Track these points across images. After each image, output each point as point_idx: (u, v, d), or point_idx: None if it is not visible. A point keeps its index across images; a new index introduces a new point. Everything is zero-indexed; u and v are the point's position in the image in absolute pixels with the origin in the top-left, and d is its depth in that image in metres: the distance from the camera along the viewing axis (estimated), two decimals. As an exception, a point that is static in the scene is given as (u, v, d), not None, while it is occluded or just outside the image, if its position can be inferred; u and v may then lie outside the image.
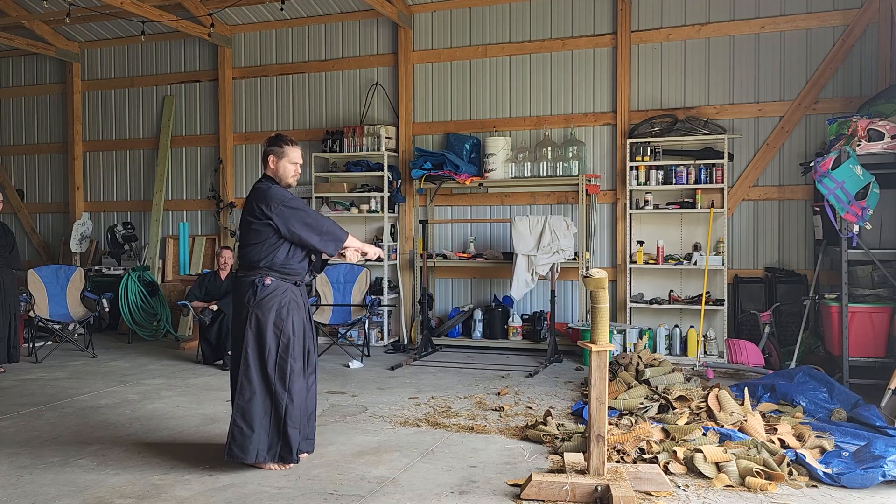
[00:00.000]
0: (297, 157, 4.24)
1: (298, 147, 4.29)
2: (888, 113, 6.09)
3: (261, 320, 4.06)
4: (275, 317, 4.07)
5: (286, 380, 4.05)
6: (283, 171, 4.21)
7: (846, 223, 5.83)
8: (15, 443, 4.72)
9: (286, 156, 4.19)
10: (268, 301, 4.08)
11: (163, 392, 6.16)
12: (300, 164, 4.27)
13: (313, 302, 7.91)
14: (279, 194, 4.14)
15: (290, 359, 4.06)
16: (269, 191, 4.15)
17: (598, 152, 7.99)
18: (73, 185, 10.35)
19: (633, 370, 6.10)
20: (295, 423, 4.05)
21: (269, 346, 4.05)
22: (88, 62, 10.38)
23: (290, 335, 4.08)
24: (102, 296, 8.27)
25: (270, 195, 4.12)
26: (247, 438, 3.99)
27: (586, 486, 3.61)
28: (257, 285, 4.09)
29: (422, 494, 3.77)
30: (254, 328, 4.06)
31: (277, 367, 4.05)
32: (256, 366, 4.05)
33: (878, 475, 3.77)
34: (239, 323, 4.14)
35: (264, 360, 4.05)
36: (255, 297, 4.08)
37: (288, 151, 4.20)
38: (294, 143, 4.26)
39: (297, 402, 4.07)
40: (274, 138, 4.26)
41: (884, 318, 5.90)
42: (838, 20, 7.18)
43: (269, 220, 4.09)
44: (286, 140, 4.24)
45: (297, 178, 4.28)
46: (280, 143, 4.22)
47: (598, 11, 7.96)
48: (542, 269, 7.48)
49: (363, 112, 8.91)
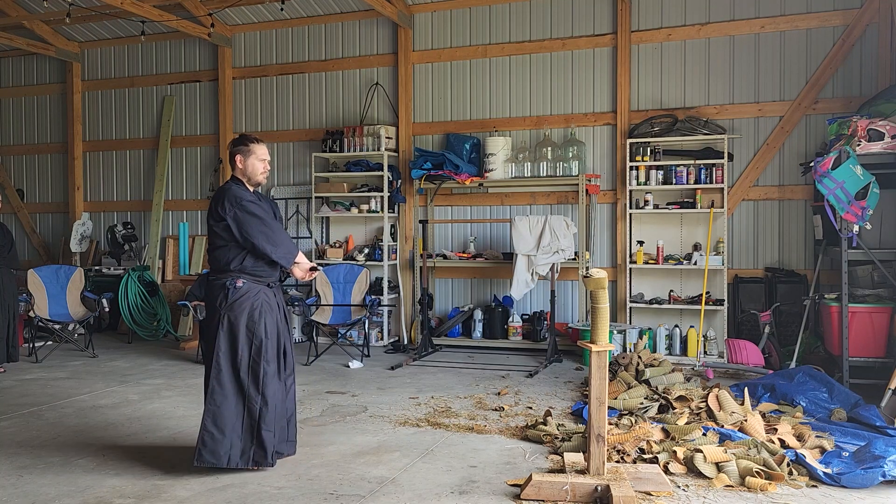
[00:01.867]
0: (264, 154, 4.21)
1: (264, 144, 4.27)
2: (888, 113, 6.09)
3: (233, 323, 4.00)
4: (247, 319, 4.02)
5: (259, 383, 4.00)
6: (252, 169, 4.17)
7: (846, 223, 5.83)
8: (15, 443, 4.72)
9: (253, 153, 4.16)
10: (240, 304, 4.03)
11: (163, 392, 6.16)
12: (268, 161, 4.23)
13: (313, 302, 7.92)
14: (238, 195, 4.08)
15: (263, 361, 4.01)
16: (228, 191, 4.10)
17: (598, 152, 7.99)
18: (73, 185, 10.35)
19: (633, 370, 6.10)
20: (270, 427, 4.00)
21: (242, 349, 4.00)
22: (88, 62, 10.38)
23: (263, 337, 4.03)
24: (102, 296, 8.27)
25: (229, 196, 4.08)
26: (218, 443, 3.94)
27: (586, 486, 3.61)
28: (228, 288, 4.05)
29: (422, 494, 3.77)
30: (226, 331, 4.01)
31: (250, 370, 4.00)
32: (228, 369, 3.99)
33: (878, 475, 3.77)
34: (211, 326, 4.08)
35: (237, 363, 3.99)
36: (227, 299, 4.04)
37: (254, 149, 4.17)
38: (259, 141, 4.23)
39: (271, 404, 4.02)
40: (238, 138, 4.24)
41: (884, 318, 5.90)
42: (838, 20, 7.18)
43: (225, 222, 4.05)
44: (251, 138, 4.22)
45: (266, 174, 4.23)
46: (245, 141, 4.20)
47: (598, 11, 7.96)
48: (542, 269, 7.48)
49: (363, 112, 8.91)
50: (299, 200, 9.22)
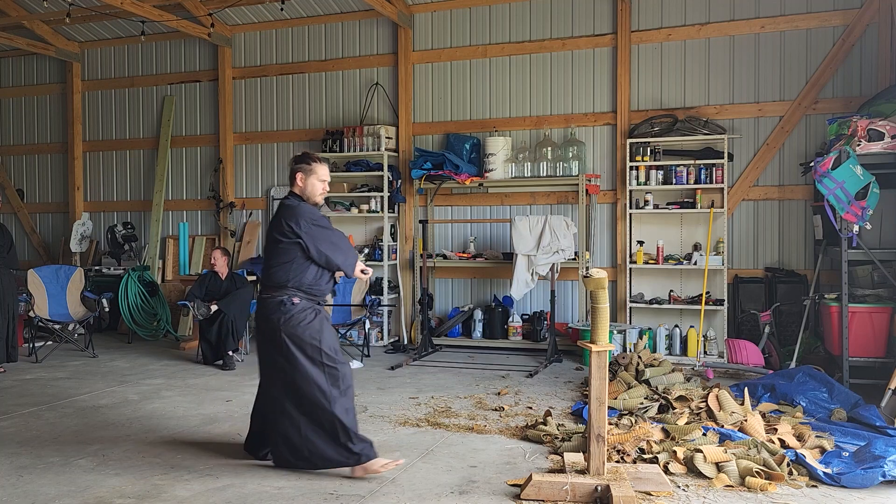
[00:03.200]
0: (325, 175, 4.17)
1: (326, 164, 4.23)
2: (888, 113, 6.09)
3: (298, 336, 3.98)
4: (310, 331, 4.00)
5: (340, 385, 3.98)
6: (312, 190, 4.13)
7: (846, 223, 5.82)
8: (15, 443, 4.72)
9: (314, 173, 4.12)
10: (299, 317, 4.01)
11: (163, 392, 6.16)
12: (328, 182, 4.20)
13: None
14: (309, 213, 4.07)
15: (339, 363, 4.01)
16: (297, 208, 4.07)
17: (598, 152, 7.99)
18: (73, 185, 10.35)
19: (633, 370, 6.10)
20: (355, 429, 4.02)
21: (313, 359, 3.97)
22: (88, 62, 10.38)
23: (331, 341, 4.03)
24: (102, 296, 8.26)
25: (300, 213, 4.05)
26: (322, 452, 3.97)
27: (586, 486, 3.61)
28: (286, 304, 4.02)
29: (422, 494, 3.77)
30: (294, 347, 3.98)
31: (328, 375, 3.97)
32: (310, 382, 3.95)
33: (878, 475, 3.77)
34: (273, 349, 4.04)
35: (312, 374, 3.96)
36: (286, 316, 4.00)
37: (316, 169, 4.13)
38: (322, 161, 4.19)
39: (353, 402, 4.08)
40: (301, 156, 4.19)
41: (884, 318, 5.90)
42: (838, 20, 7.18)
43: (298, 240, 4.02)
44: (314, 157, 4.16)
45: (324, 195, 4.21)
46: (308, 160, 4.14)
47: (598, 11, 7.96)
48: (542, 269, 7.48)
49: (363, 112, 8.91)
50: (299, 200, 9.21)
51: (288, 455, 4.06)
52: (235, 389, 6.24)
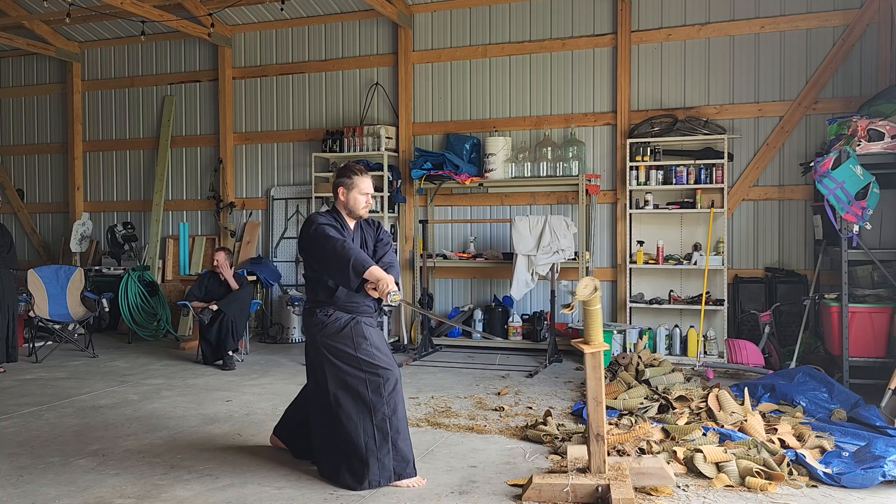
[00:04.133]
0: (367, 188, 4.05)
1: (369, 176, 4.11)
2: (888, 113, 6.09)
3: (333, 346, 3.91)
4: (344, 338, 3.91)
5: (382, 392, 3.86)
6: (354, 203, 4.05)
7: (846, 223, 5.82)
8: (15, 443, 4.72)
9: (356, 187, 4.02)
10: (333, 327, 3.94)
11: (163, 392, 6.16)
12: (371, 195, 4.09)
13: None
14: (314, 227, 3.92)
15: (380, 369, 3.87)
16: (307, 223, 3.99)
17: (598, 152, 7.99)
18: (73, 185, 10.35)
19: (633, 370, 6.10)
20: (404, 435, 3.90)
21: (351, 367, 3.88)
22: (88, 62, 10.38)
23: (373, 350, 3.90)
24: (102, 296, 8.26)
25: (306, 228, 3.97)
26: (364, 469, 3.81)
27: (587, 488, 3.61)
28: (321, 317, 3.97)
29: (422, 494, 3.77)
30: (332, 356, 3.91)
31: (368, 382, 3.86)
32: (345, 392, 3.87)
33: (878, 475, 3.77)
34: (316, 360, 3.99)
35: (351, 383, 3.87)
36: (323, 327, 3.95)
37: (357, 182, 4.03)
38: (364, 173, 4.07)
39: (399, 412, 3.90)
40: (343, 169, 4.09)
41: (884, 318, 5.90)
42: (838, 20, 7.18)
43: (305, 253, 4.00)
44: (355, 170, 4.06)
45: (368, 209, 4.10)
46: (349, 173, 4.05)
47: (598, 11, 7.96)
48: (542, 269, 7.48)
49: (363, 112, 8.91)
50: (299, 200, 9.23)
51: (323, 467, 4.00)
52: (235, 389, 6.24)
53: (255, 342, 8.69)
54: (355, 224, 4.16)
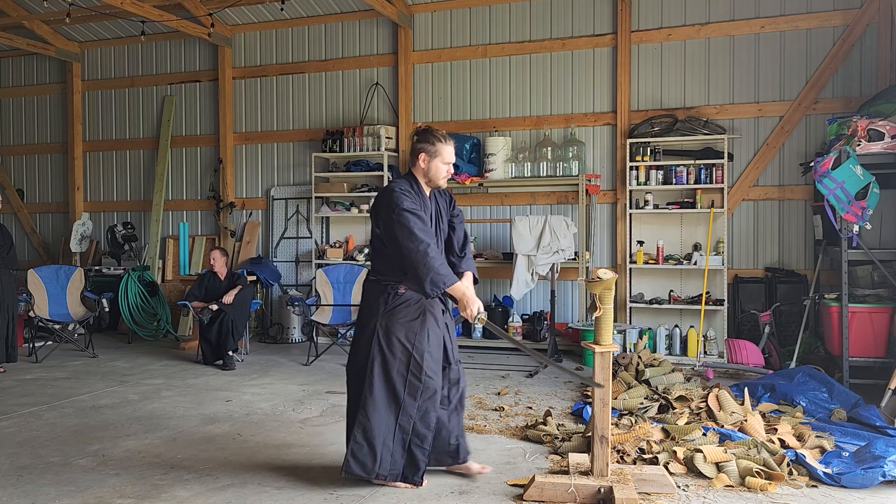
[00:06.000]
0: (450, 156, 3.78)
1: (452, 143, 3.83)
2: (888, 113, 6.09)
3: (390, 331, 3.70)
4: (406, 329, 3.71)
5: (417, 397, 3.70)
6: (436, 172, 3.78)
7: (846, 223, 5.82)
8: (15, 443, 4.72)
9: (439, 155, 3.76)
10: (399, 311, 3.72)
11: (163, 392, 6.16)
12: (452, 163, 3.83)
13: (313, 302, 7.91)
14: (390, 210, 3.67)
15: (425, 375, 3.70)
16: (384, 197, 3.75)
17: (598, 152, 7.99)
18: (73, 185, 10.35)
19: (633, 370, 6.10)
20: (424, 444, 3.76)
21: (399, 361, 3.69)
22: (88, 62, 10.38)
23: (425, 350, 3.71)
24: (102, 296, 8.26)
25: (382, 204, 3.73)
26: (367, 456, 3.71)
27: (590, 488, 3.60)
28: (389, 293, 3.74)
29: (422, 494, 3.77)
30: (383, 339, 3.70)
31: (408, 383, 3.69)
32: (382, 381, 3.70)
33: (878, 475, 3.77)
34: (366, 333, 3.76)
35: (392, 375, 3.69)
36: (386, 305, 3.73)
37: (441, 150, 3.76)
38: (447, 140, 3.80)
39: (428, 420, 3.75)
40: (425, 132, 3.79)
41: (884, 318, 5.90)
42: (838, 20, 7.18)
43: (380, 229, 3.75)
44: (439, 136, 3.77)
45: (447, 178, 3.85)
46: (433, 139, 3.76)
47: (598, 11, 7.96)
48: (542, 269, 7.48)
49: (363, 112, 8.91)
50: (299, 200, 9.23)
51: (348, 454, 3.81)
52: (235, 389, 6.24)
53: (255, 342, 8.70)
54: (430, 192, 3.90)
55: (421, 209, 3.74)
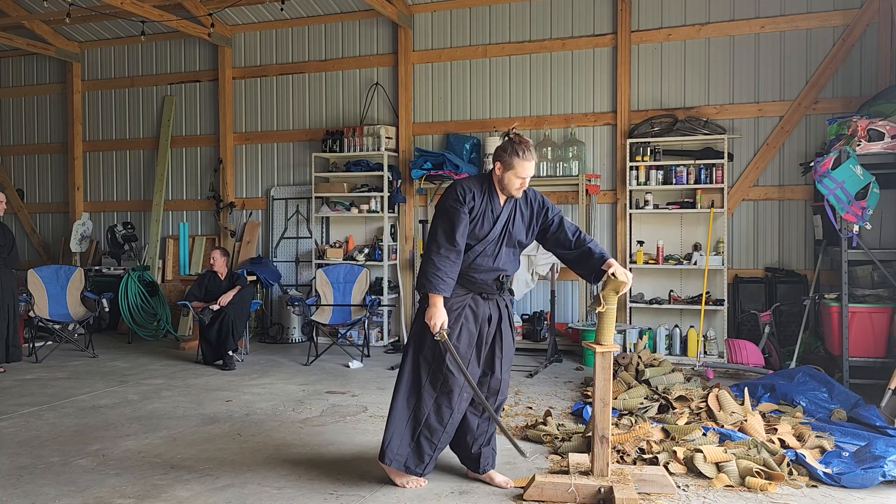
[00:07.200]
0: (524, 172, 3.76)
1: (533, 160, 3.79)
2: (888, 113, 6.09)
3: (427, 323, 3.72)
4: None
5: (436, 388, 3.76)
6: (508, 184, 3.79)
7: (846, 223, 5.83)
8: (15, 443, 4.72)
9: (513, 169, 3.75)
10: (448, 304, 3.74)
11: (163, 392, 6.16)
12: (527, 178, 3.80)
13: (313, 302, 7.91)
14: (445, 200, 3.74)
15: (448, 376, 3.72)
16: (449, 190, 3.80)
17: (598, 152, 7.99)
18: (73, 185, 10.35)
19: (633, 370, 6.10)
20: (434, 437, 3.78)
21: (428, 348, 3.77)
22: (88, 62, 10.38)
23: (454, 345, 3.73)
24: (102, 296, 8.26)
25: (445, 194, 3.77)
26: (385, 442, 3.82)
27: (590, 488, 3.60)
28: None
29: (421, 494, 3.77)
30: (419, 329, 3.80)
31: (431, 373, 3.77)
32: (410, 367, 3.83)
33: (878, 475, 3.77)
34: (417, 321, 3.86)
35: (418, 363, 3.81)
36: None
37: (516, 165, 3.74)
38: (528, 156, 3.75)
39: (445, 415, 3.76)
40: (511, 143, 3.77)
41: (884, 318, 5.90)
42: (838, 20, 7.18)
43: None
44: (519, 151, 3.74)
45: (521, 190, 3.83)
46: (511, 152, 3.75)
47: (598, 11, 7.96)
48: (542, 269, 7.48)
49: (363, 112, 8.91)
50: (299, 200, 9.23)
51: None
52: (235, 389, 6.24)
53: (255, 342, 8.70)
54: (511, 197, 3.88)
55: (477, 210, 3.77)
